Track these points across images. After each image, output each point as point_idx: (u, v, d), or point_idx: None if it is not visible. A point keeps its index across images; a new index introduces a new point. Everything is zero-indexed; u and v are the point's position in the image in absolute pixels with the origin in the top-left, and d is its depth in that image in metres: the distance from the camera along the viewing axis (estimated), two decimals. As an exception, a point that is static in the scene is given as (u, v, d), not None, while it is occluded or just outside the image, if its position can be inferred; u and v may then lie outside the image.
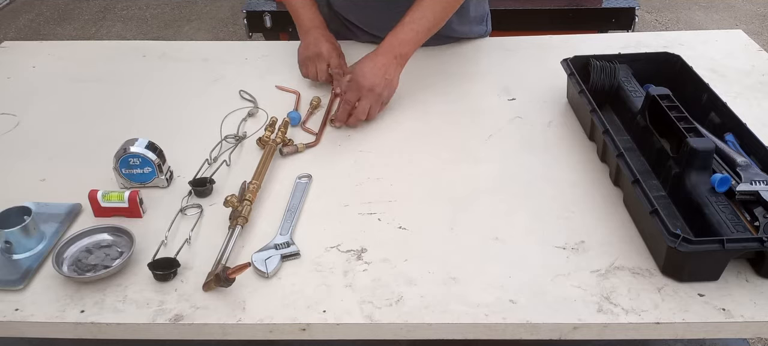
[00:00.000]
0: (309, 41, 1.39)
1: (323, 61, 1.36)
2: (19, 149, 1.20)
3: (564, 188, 1.04)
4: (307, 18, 1.42)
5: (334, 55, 1.37)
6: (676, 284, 0.84)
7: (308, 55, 1.38)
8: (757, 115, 1.09)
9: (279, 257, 0.90)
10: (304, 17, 1.42)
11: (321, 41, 1.38)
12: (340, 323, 0.81)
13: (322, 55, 1.36)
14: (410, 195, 1.04)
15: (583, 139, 1.17)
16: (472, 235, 0.95)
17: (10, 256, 0.91)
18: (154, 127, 1.22)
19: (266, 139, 1.16)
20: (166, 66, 1.50)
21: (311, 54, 1.37)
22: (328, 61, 1.36)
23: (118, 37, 4.04)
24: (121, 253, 0.91)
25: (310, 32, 1.40)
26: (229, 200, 0.96)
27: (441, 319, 0.81)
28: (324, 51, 1.36)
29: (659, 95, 1.05)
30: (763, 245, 0.80)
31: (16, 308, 0.84)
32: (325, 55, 1.36)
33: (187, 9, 4.46)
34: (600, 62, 1.21)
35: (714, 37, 1.57)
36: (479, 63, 1.47)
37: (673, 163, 0.97)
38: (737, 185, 0.89)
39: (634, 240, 0.92)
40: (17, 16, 4.37)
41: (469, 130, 1.21)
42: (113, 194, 0.98)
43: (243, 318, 0.82)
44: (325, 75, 1.36)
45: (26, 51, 1.59)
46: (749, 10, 4.16)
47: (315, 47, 1.37)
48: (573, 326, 0.80)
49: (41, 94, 1.39)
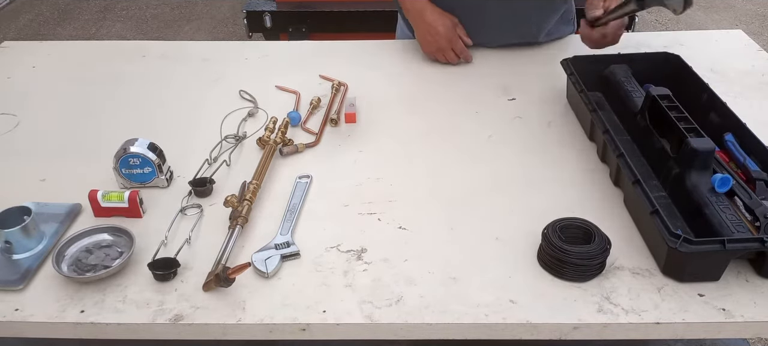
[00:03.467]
0: (428, 31, 1.42)
1: (454, 40, 1.41)
2: (19, 149, 1.20)
3: (564, 188, 1.04)
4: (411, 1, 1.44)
5: (454, 28, 1.42)
6: (676, 284, 0.84)
7: (440, 45, 1.42)
8: (757, 115, 1.09)
9: (279, 257, 0.90)
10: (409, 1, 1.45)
11: (437, 24, 1.41)
12: (340, 323, 0.81)
13: (452, 37, 1.41)
14: (410, 195, 1.04)
15: (583, 139, 1.17)
16: (472, 235, 0.95)
17: (10, 256, 0.91)
18: (154, 127, 1.22)
19: (266, 139, 1.16)
20: (166, 66, 1.50)
21: (444, 43, 1.41)
22: (457, 37, 1.42)
23: (118, 37, 4.05)
24: (121, 253, 0.91)
25: (422, 20, 1.43)
26: (229, 200, 0.96)
27: (441, 319, 0.81)
28: (445, 29, 1.40)
29: (659, 95, 1.05)
30: (763, 246, 0.80)
31: (16, 308, 0.84)
32: (454, 36, 1.41)
33: (187, 9, 4.46)
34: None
35: (714, 37, 1.57)
36: (479, 63, 1.47)
37: (674, 163, 0.97)
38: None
39: (634, 240, 0.92)
40: (17, 16, 4.37)
41: (469, 131, 1.21)
42: (113, 194, 0.98)
43: (243, 318, 0.82)
44: (464, 50, 1.43)
45: (26, 51, 1.59)
46: (749, 10, 4.16)
47: (442, 35, 1.41)
48: (573, 326, 0.80)
49: (41, 94, 1.39)
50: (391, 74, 1.44)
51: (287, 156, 1.15)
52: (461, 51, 1.43)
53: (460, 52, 1.43)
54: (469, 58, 1.45)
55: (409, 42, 1.56)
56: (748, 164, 0.97)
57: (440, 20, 1.41)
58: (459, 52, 1.43)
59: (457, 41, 1.42)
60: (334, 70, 1.43)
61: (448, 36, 1.41)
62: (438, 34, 1.41)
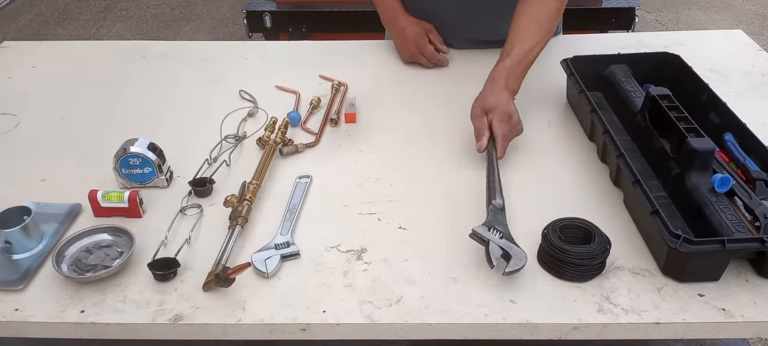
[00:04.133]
0: (398, 37, 1.46)
1: (426, 45, 1.43)
2: (19, 149, 1.20)
3: (564, 189, 1.04)
4: (385, 9, 1.46)
5: (425, 35, 1.44)
6: (676, 284, 0.84)
7: (410, 51, 1.44)
8: (757, 115, 1.09)
9: (279, 257, 0.90)
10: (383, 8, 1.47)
11: (407, 31, 1.43)
12: (340, 323, 0.81)
13: (420, 43, 1.43)
14: (410, 195, 1.04)
15: (583, 139, 1.17)
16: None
17: (10, 256, 0.91)
18: (154, 127, 1.22)
19: (266, 139, 1.16)
20: (166, 66, 1.50)
21: (413, 49, 1.44)
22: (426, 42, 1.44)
23: (118, 37, 4.04)
24: (121, 253, 0.91)
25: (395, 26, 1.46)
26: (229, 200, 0.96)
27: (441, 319, 0.81)
28: (414, 35, 1.43)
29: (659, 95, 1.05)
30: (763, 246, 0.80)
31: (16, 308, 0.84)
32: (422, 41, 1.43)
33: (187, 9, 4.46)
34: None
35: (714, 37, 1.57)
36: (479, 64, 1.47)
37: (673, 163, 0.97)
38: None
39: (634, 240, 0.92)
40: (17, 16, 4.37)
41: (469, 130, 1.20)
42: (113, 194, 0.98)
43: (243, 318, 0.82)
44: (435, 55, 1.44)
45: (26, 51, 1.59)
46: (749, 10, 4.15)
47: (411, 40, 1.43)
48: (573, 326, 0.80)
49: (41, 94, 1.39)
50: (391, 74, 1.44)
51: (287, 156, 1.15)
52: (431, 56, 1.44)
53: (429, 58, 1.44)
54: (442, 63, 1.45)
55: (409, 42, 1.56)
56: (748, 164, 0.97)
57: (410, 27, 1.43)
58: (429, 58, 1.44)
59: (425, 46, 1.43)
60: (334, 70, 1.43)
61: (416, 41, 1.43)
62: (407, 39, 1.43)
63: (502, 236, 0.87)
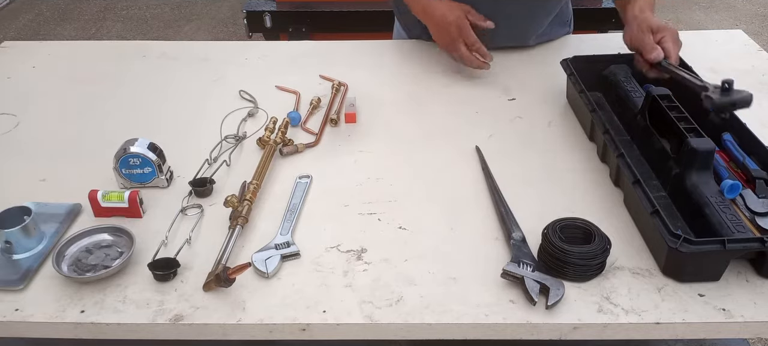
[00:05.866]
0: (437, 23, 1.34)
1: (468, 29, 1.30)
2: (19, 149, 1.20)
3: (564, 188, 1.04)
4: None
5: (465, 16, 1.31)
6: (676, 284, 0.84)
7: (452, 35, 1.31)
8: (757, 115, 1.09)
9: (279, 257, 0.90)
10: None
11: (446, 14, 1.31)
12: (340, 323, 0.81)
13: (463, 26, 1.30)
14: (410, 195, 1.04)
15: (583, 139, 1.17)
16: (472, 235, 0.95)
17: (10, 256, 0.91)
18: (154, 127, 1.22)
19: (266, 139, 1.16)
20: (166, 66, 1.50)
21: (455, 32, 1.31)
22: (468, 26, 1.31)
23: (118, 37, 4.05)
24: (121, 253, 0.91)
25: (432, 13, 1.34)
26: (229, 200, 0.96)
27: (441, 319, 0.81)
28: (455, 18, 1.30)
29: (659, 95, 1.05)
30: (764, 245, 0.80)
31: (16, 308, 0.84)
32: (464, 24, 1.30)
33: (187, 9, 4.46)
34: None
35: (714, 37, 1.57)
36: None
37: (674, 163, 0.97)
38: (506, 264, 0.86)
39: (634, 240, 0.92)
40: (17, 16, 4.37)
41: (469, 130, 1.21)
42: (113, 194, 0.98)
43: (243, 318, 0.82)
44: (476, 42, 1.31)
45: (26, 51, 1.59)
46: (749, 10, 4.16)
47: (452, 23, 1.31)
48: (573, 326, 0.80)
49: (41, 94, 1.39)
50: (391, 74, 1.44)
51: (287, 156, 1.15)
52: (473, 43, 1.30)
53: (471, 45, 1.31)
54: (485, 54, 1.33)
55: (410, 42, 1.57)
56: (747, 164, 0.97)
57: (449, 9, 1.31)
58: (471, 45, 1.31)
59: (468, 32, 1.30)
60: (334, 70, 1.43)
61: (458, 23, 1.29)
62: (447, 22, 1.30)
63: (533, 268, 0.85)
